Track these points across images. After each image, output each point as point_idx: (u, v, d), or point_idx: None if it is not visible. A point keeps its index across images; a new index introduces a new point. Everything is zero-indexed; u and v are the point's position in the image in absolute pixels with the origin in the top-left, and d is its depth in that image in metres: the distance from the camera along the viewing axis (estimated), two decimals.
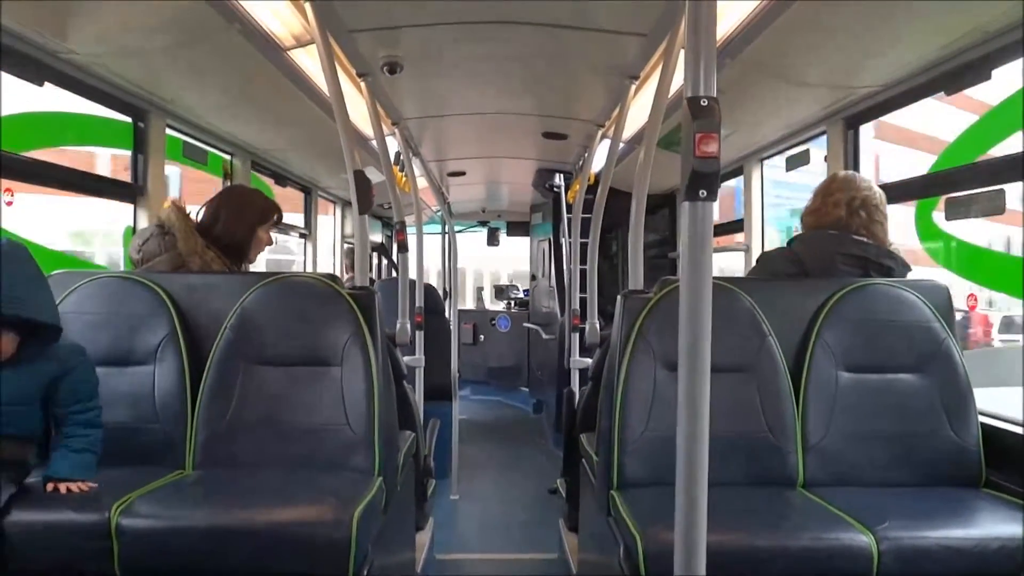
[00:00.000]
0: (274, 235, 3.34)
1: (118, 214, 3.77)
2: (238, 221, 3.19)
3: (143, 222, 3.71)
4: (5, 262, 2.22)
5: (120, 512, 2.13)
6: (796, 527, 2.23)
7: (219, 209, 3.17)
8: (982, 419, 2.70)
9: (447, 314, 7.09)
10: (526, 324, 10.15)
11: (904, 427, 2.67)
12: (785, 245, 3.17)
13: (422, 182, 6.54)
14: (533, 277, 10.33)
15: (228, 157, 4.83)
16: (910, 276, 2.95)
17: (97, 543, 2.09)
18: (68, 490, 2.24)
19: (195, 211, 3.16)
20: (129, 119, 3.71)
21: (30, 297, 2.27)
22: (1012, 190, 2.79)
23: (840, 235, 2.95)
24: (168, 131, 3.94)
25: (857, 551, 2.11)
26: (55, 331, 2.37)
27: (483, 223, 11.70)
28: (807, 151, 4.28)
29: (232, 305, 2.77)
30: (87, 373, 2.43)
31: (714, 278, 1.61)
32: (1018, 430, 2.66)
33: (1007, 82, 2.93)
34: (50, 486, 2.25)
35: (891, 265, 2.93)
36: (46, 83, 3.05)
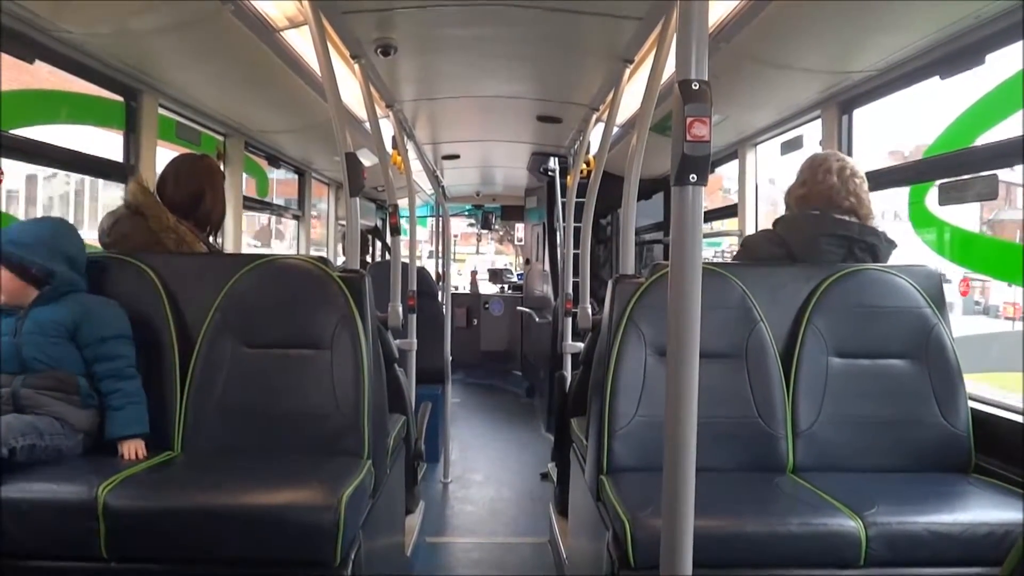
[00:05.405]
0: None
1: None
2: (218, 196, 3.17)
3: None
4: (47, 230, 2.58)
5: (107, 492, 2.11)
6: (785, 512, 2.23)
7: (202, 187, 3.10)
8: (972, 405, 2.71)
9: (440, 297, 7.09)
10: (520, 308, 10.14)
11: (894, 413, 2.68)
12: (770, 227, 3.14)
13: (416, 165, 6.51)
14: (527, 261, 10.31)
15: (221, 138, 4.81)
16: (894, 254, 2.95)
17: (83, 523, 2.08)
18: (136, 455, 2.47)
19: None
20: (121, 98, 3.68)
21: (40, 247, 2.51)
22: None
23: (822, 214, 2.90)
24: (161, 111, 3.91)
25: (845, 536, 2.12)
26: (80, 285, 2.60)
27: (477, 207, 11.66)
28: (800, 136, 4.28)
29: (221, 287, 2.76)
30: (108, 317, 2.58)
31: (705, 263, 1.60)
32: (1008, 416, 2.67)
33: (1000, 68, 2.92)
34: (123, 451, 2.47)
35: (874, 242, 2.89)
36: (37, 60, 3.02)
